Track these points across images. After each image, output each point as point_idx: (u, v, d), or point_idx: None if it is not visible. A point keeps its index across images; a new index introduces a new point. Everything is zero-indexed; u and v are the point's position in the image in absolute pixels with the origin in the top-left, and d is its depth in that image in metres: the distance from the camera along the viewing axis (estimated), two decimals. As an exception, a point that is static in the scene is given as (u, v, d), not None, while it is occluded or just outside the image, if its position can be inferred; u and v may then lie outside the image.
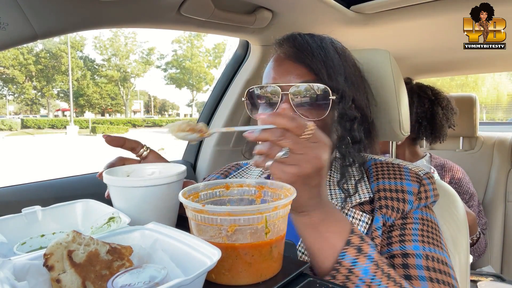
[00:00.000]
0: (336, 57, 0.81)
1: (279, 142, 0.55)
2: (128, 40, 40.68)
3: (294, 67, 0.81)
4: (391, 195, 0.78)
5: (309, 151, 0.56)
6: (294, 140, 0.55)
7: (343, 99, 0.79)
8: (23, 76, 36.30)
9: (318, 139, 0.58)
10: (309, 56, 0.79)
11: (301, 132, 0.56)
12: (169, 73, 44.67)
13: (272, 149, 0.56)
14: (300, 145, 0.55)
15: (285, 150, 0.55)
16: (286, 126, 0.55)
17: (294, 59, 0.81)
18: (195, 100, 47.05)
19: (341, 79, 0.79)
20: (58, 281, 0.38)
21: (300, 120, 0.56)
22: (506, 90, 26.47)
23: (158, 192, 0.60)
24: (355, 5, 1.27)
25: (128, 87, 42.39)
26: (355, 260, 0.61)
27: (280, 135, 0.55)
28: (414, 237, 0.72)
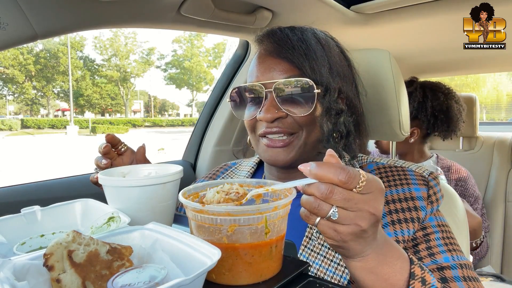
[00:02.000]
0: (319, 48, 0.78)
1: (327, 200, 0.47)
2: (128, 40, 40.69)
3: (276, 63, 0.78)
4: (402, 205, 0.74)
5: (364, 207, 0.48)
6: (345, 196, 0.47)
7: (328, 92, 0.76)
8: (23, 76, 36.30)
9: (372, 188, 0.49)
10: (290, 50, 0.76)
11: (352, 186, 0.47)
12: (169, 73, 44.70)
13: (319, 207, 0.48)
14: (352, 201, 0.47)
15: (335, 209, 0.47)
16: (334, 182, 0.47)
17: (276, 54, 0.79)
18: (195, 100, 47.06)
19: (325, 71, 0.76)
20: (58, 281, 0.38)
21: (350, 171, 0.47)
22: (506, 90, 26.47)
23: (153, 192, 0.60)
24: (355, 5, 1.27)
25: (128, 87, 42.38)
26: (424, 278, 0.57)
27: (327, 192, 0.47)
28: (440, 248, 0.70)
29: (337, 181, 0.47)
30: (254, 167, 0.98)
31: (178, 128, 36.43)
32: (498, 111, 26.84)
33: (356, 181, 0.47)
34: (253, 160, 1.01)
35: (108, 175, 0.64)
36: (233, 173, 1.00)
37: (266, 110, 0.76)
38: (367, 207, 0.48)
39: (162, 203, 0.62)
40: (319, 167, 0.47)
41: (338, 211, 0.48)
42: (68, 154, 15.93)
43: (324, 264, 0.71)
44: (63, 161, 13.40)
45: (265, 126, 0.78)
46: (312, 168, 0.48)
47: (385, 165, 0.84)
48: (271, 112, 0.76)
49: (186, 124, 37.39)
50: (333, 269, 0.71)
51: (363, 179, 0.48)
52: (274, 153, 0.78)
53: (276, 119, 0.76)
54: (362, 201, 0.48)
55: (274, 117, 0.76)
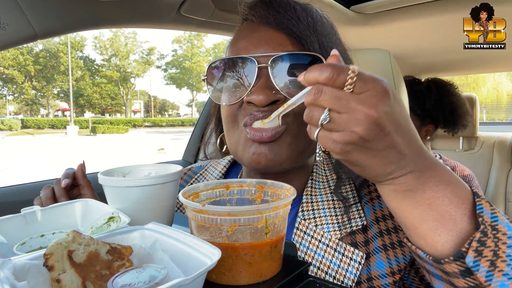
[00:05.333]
0: (328, 24, 0.66)
1: (317, 103, 0.42)
2: (128, 40, 40.72)
3: (273, 35, 0.63)
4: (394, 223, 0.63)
5: (357, 106, 0.41)
6: (334, 94, 0.41)
7: None
8: (22, 77, 36.30)
9: (369, 86, 0.41)
10: (293, 20, 0.61)
11: (340, 82, 0.41)
12: (169, 73, 44.73)
13: (310, 113, 0.44)
14: (343, 100, 0.41)
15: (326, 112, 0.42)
16: (320, 81, 0.42)
17: (274, 24, 0.63)
18: (195, 100, 47.05)
19: None
20: (58, 281, 0.38)
21: (336, 66, 0.42)
22: (506, 90, 26.47)
23: (153, 192, 0.60)
24: (355, 5, 1.27)
25: (128, 87, 42.40)
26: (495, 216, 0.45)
27: (315, 92, 0.42)
28: None
29: (323, 79, 0.41)
30: (227, 165, 0.87)
31: (178, 128, 36.43)
32: (498, 111, 26.85)
33: (343, 77, 0.41)
34: (223, 164, 0.89)
35: (108, 175, 0.64)
36: (202, 176, 0.89)
37: (259, 90, 0.60)
38: (362, 107, 0.41)
39: (162, 203, 0.62)
40: (307, 71, 0.43)
41: (330, 115, 0.42)
42: (68, 154, 15.93)
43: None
44: (63, 161, 13.41)
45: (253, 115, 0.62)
46: (304, 74, 0.43)
47: None
48: (266, 93, 0.60)
49: (186, 124, 37.40)
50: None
51: (353, 75, 0.41)
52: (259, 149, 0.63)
53: (271, 104, 0.61)
54: (354, 100, 0.41)
55: (270, 99, 0.60)
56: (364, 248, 0.62)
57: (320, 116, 0.42)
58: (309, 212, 0.68)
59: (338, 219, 0.65)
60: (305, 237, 0.65)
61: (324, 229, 0.65)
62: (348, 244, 0.63)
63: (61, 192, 0.73)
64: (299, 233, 0.66)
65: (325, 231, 0.64)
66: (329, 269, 0.62)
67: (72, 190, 0.76)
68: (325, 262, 0.63)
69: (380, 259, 0.61)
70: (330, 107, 0.42)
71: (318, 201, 0.69)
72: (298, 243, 0.65)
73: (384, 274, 0.61)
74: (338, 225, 0.64)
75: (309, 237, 0.65)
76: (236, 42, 0.67)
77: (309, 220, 0.67)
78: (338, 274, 0.61)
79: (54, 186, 0.74)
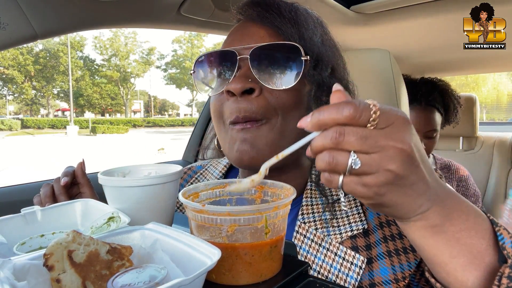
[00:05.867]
0: (311, 21, 0.67)
1: (340, 146, 0.38)
2: (128, 40, 40.72)
3: (256, 29, 0.65)
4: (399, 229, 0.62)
5: (388, 142, 0.37)
6: (360, 134, 0.37)
7: (320, 64, 0.63)
8: (22, 77, 36.30)
9: (392, 119, 0.39)
10: (276, 15, 0.64)
11: (364, 119, 0.37)
12: (169, 73, 44.72)
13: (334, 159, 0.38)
14: (371, 139, 0.37)
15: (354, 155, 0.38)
16: (339, 121, 0.37)
17: (259, 21, 0.66)
18: (195, 100, 47.05)
19: (317, 40, 0.64)
20: (58, 281, 0.38)
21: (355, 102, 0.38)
22: (506, 90, 26.48)
23: (153, 192, 0.60)
24: (355, 5, 1.27)
25: (128, 87, 42.40)
26: None
27: (337, 135, 0.37)
28: None
29: (343, 119, 0.37)
30: (227, 165, 0.87)
31: (178, 128, 36.44)
32: (498, 111, 26.85)
33: (366, 113, 0.37)
34: (223, 164, 0.90)
35: (108, 175, 0.64)
36: (202, 176, 0.89)
37: (237, 79, 0.62)
38: (392, 142, 0.37)
39: (162, 203, 0.62)
40: (318, 112, 0.38)
41: (359, 157, 0.37)
42: (68, 154, 15.93)
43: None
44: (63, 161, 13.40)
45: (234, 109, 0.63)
46: (312, 117, 0.39)
47: None
48: (243, 81, 0.61)
49: (186, 124, 37.41)
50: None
51: (375, 109, 0.37)
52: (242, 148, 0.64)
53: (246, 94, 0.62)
54: (383, 137, 0.37)
55: (245, 86, 0.61)
56: (366, 252, 0.62)
57: (346, 161, 0.38)
58: (309, 215, 0.67)
59: (338, 223, 0.65)
60: (305, 240, 0.64)
61: (325, 233, 0.64)
62: (348, 248, 0.62)
63: (60, 191, 0.73)
64: (299, 237, 0.65)
65: (325, 235, 0.64)
66: (329, 274, 0.61)
67: (71, 189, 0.76)
68: (325, 267, 0.62)
69: (384, 265, 0.60)
70: (358, 148, 0.38)
71: (319, 203, 0.68)
72: (298, 247, 0.64)
73: (388, 280, 0.59)
74: (339, 229, 0.64)
75: (309, 240, 0.64)
76: (226, 38, 0.70)
77: (309, 223, 0.66)
78: (339, 279, 0.60)
79: (54, 184, 0.74)
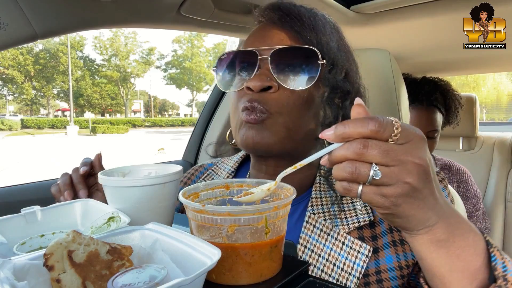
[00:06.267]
0: (329, 26, 0.71)
1: (363, 158, 0.41)
2: (128, 40, 40.72)
3: (276, 32, 0.69)
4: None
5: (407, 157, 0.41)
6: (383, 148, 0.40)
7: (336, 68, 0.67)
8: (22, 77, 36.30)
9: (411, 136, 0.42)
10: (296, 20, 0.68)
11: (387, 135, 0.41)
12: (169, 73, 44.74)
13: (357, 169, 0.41)
14: (392, 153, 0.41)
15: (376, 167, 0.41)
16: (364, 134, 0.41)
17: (280, 24, 0.69)
18: (195, 100, 47.07)
19: (333, 46, 0.68)
20: (58, 281, 0.38)
21: (380, 118, 0.41)
22: (506, 90, 26.48)
23: (153, 192, 0.60)
24: (355, 5, 1.27)
25: (128, 87, 42.40)
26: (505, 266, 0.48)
27: (361, 147, 0.40)
28: None
29: (368, 132, 0.40)
30: (234, 170, 0.89)
31: (178, 128, 36.43)
32: (498, 111, 26.85)
33: (389, 129, 0.41)
34: (234, 161, 0.92)
35: (108, 175, 0.64)
36: (210, 177, 0.91)
37: (256, 77, 0.66)
38: (411, 157, 0.41)
39: (162, 203, 0.62)
40: (343, 125, 0.41)
41: (380, 169, 0.41)
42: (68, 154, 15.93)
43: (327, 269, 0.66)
44: (63, 161, 13.40)
45: (246, 100, 0.67)
46: (336, 129, 0.41)
47: None
48: (262, 79, 0.66)
49: (186, 124, 37.40)
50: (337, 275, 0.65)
51: (397, 125, 0.41)
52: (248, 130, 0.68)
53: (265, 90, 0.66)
54: (403, 152, 0.41)
55: (264, 84, 0.65)
56: (372, 242, 0.66)
57: (368, 172, 0.41)
58: (318, 206, 0.71)
59: (346, 215, 0.69)
60: (314, 230, 0.69)
61: (333, 223, 0.68)
62: (355, 238, 0.66)
63: (79, 179, 0.75)
64: (309, 226, 0.70)
65: (334, 225, 0.68)
66: (337, 261, 0.65)
67: (88, 179, 0.78)
68: (334, 255, 0.66)
69: (389, 253, 0.65)
70: (379, 161, 0.41)
71: (327, 196, 0.73)
72: (308, 236, 0.69)
73: (392, 267, 0.64)
74: (346, 220, 0.68)
75: (318, 230, 0.69)
76: (247, 39, 0.75)
77: (318, 214, 0.70)
78: (346, 266, 0.64)
79: (72, 174, 0.76)
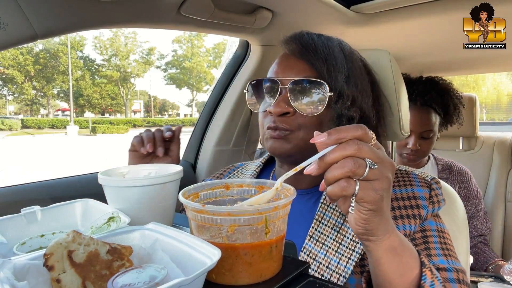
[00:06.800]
0: (341, 57, 0.82)
1: (359, 153, 0.48)
2: (128, 40, 40.70)
3: (296, 63, 0.82)
4: (404, 203, 0.78)
5: (384, 157, 0.50)
6: (370, 147, 0.49)
7: (341, 98, 0.79)
8: (22, 77, 36.28)
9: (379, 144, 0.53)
10: (312, 53, 0.80)
11: (369, 138, 0.50)
12: (169, 73, 44.72)
13: (358, 163, 0.47)
14: (376, 152, 0.49)
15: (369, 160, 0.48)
16: (357, 136, 0.49)
17: (298, 55, 0.82)
18: (195, 100, 47.07)
19: (341, 78, 0.79)
20: (58, 281, 0.38)
21: (363, 126, 0.50)
22: (506, 90, 26.47)
23: (153, 192, 0.60)
24: (355, 5, 1.27)
25: (128, 87, 42.39)
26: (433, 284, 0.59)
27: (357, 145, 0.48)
28: (437, 251, 0.73)
29: (359, 134, 0.49)
30: (260, 166, 1.01)
31: (178, 128, 36.28)
32: (498, 111, 26.84)
33: (370, 135, 0.50)
34: (259, 160, 1.04)
35: (108, 175, 0.64)
36: (240, 173, 1.03)
37: (276, 104, 0.79)
38: (386, 157, 0.50)
39: (162, 203, 0.62)
40: (336, 130, 0.49)
41: None
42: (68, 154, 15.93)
43: (329, 255, 0.74)
44: (64, 161, 13.39)
45: (271, 121, 0.81)
46: (330, 135, 0.48)
47: None
48: (281, 106, 0.79)
49: (186, 124, 37.39)
50: (338, 259, 0.73)
51: (373, 134, 0.51)
52: (272, 142, 0.81)
53: (284, 115, 0.80)
54: (381, 152, 0.50)
55: (283, 111, 0.79)
56: None
57: (365, 163, 0.48)
58: None
59: None
60: (328, 208, 0.80)
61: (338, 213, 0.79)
62: None
63: (161, 139, 0.93)
64: (324, 206, 0.81)
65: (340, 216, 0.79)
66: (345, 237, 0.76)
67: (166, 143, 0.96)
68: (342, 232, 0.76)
69: None
70: (369, 156, 0.48)
71: None
72: (322, 213, 0.79)
73: None
74: None
75: (331, 209, 0.80)
76: (273, 67, 0.86)
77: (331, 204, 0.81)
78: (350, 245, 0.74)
79: (156, 133, 0.91)
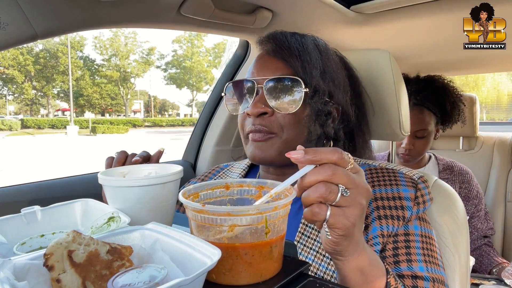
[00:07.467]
0: (315, 53, 0.81)
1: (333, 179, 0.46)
2: (128, 40, 40.71)
3: (271, 62, 0.82)
4: (389, 203, 0.77)
5: (360, 183, 0.49)
6: (345, 173, 0.47)
7: (317, 94, 0.79)
8: (22, 77, 36.28)
9: (358, 168, 0.51)
10: (286, 50, 0.80)
11: (346, 163, 0.48)
12: (169, 73, 44.72)
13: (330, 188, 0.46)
14: (351, 178, 0.48)
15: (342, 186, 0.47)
16: (332, 160, 0.47)
17: (273, 54, 0.83)
18: (195, 100, 47.07)
19: (316, 73, 0.79)
20: (58, 281, 0.38)
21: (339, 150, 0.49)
22: (506, 90, 26.46)
23: (154, 192, 0.60)
24: (355, 5, 1.27)
25: (128, 87, 42.39)
26: None
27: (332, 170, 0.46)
28: (418, 256, 0.72)
29: (335, 159, 0.47)
30: (246, 169, 1.00)
31: (178, 128, 36.41)
32: (498, 111, 26.83)
33: (347, 160, 0.49)
34: (245, 163, 1.03)
35: (108, 175, 0.64)
36: (225, 174, 1.02)
37: (254, 104, 0.78)
38: (362, 183, 0.49)
39: (162, 203, 0.62)
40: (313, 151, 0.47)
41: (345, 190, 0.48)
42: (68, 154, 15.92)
43: (317, 260, 0.72)
44: (64, 161, 13.39)
45: (251, 123, 0.80)
46: (306, 154, 0.47)
47: (376, 167, 0.85)
48: (258, 106, 0.78)
49: (186, 124, 37.39)
50: (326, 264, 0.72)
51: (351, 159, 0.50)
52: (254, 147, 0.80)
53: (261, 115, 0.79)
54: (357, 178, 0.49)
55: (260, 111, 0.78)
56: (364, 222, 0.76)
57: (337, 190, 0.47)
58: None
59: None
60: None
61: None
62: None
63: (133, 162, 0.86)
64: None
65: None
66: None
67: None
68: None
69: (374, 225, 0.74)
70: (343, 183, 0.47)
71: None
72: None
73: (376, 235, 0.73)
74: None
75: None
76: (249, 68, 0.86)
77: None
78: None
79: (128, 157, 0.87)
